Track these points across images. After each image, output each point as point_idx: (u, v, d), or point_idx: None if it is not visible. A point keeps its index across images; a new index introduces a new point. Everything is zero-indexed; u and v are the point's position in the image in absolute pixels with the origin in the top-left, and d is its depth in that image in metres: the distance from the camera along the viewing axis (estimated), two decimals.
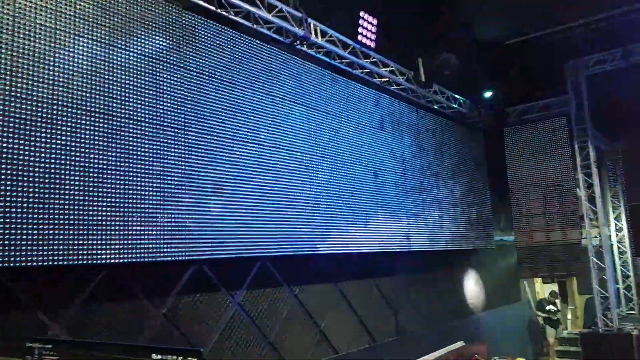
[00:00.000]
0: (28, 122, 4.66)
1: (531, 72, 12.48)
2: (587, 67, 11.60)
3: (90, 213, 5.00)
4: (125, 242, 5.26)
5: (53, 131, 4.83)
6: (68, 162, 4.91)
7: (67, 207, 4.84)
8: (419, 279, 10.23)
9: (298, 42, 7.82)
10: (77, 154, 4.99)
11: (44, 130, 4.76)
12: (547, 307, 13.17)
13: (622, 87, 11.32)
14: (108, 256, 5.10)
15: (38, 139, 4.72)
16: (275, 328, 7.06)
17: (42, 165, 4.72)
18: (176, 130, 5.94)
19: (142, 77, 5.68)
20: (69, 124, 4.97)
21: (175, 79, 6.04)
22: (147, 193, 5.53)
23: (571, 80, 11.75)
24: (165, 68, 5.93)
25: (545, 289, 13.97)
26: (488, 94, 12.24)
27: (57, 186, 4.80)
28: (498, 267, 13.00)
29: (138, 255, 5.36)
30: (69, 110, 4.98)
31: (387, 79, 9.62)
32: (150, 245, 5.49)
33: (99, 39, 5.30)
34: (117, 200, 5.25)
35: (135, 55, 5.64)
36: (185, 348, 3.65)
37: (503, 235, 12.96)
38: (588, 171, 11.51)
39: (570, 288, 13.75)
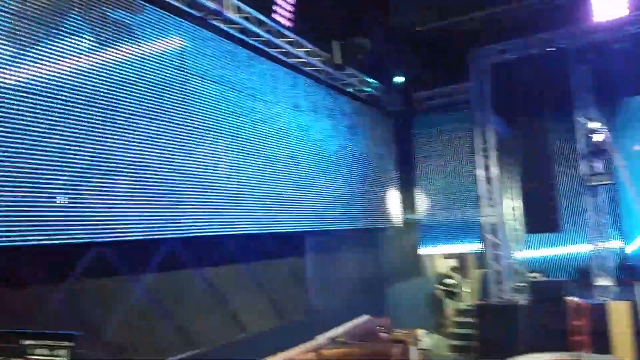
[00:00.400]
0: None
1: (440, 59, 12.94)
2: (489, 55, 12.25)
3: None
4: (20, 223, 4.88)
5: None
6: None
7: None
8: (328, 257, 10.45)
9: (211, 16, 7.53)
10: None
11: None
12: (447, 281, 13.97)
13: (523, 75, 12.02)
14: None
15: None
16: (183, 311, 6.91)
17: None
18: (78, 106, 5.54)
19: (37, 49, 5.21)
20: None
21: (77, 51, 5.60)
22: (45, 172, 5.14)
23: (474, 67, 12.38)
24: (64, 39, 5.47)
25: (446, 264, 14.79)
26: (399, 79, 12.59)
27: None
28: (402, 244, 13.59)
29: (35, 237, 5.00)
30: None
31: (303, 60, 9.58)
32: (49, 227, 5.14)
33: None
34: (11, 179, 4.84)
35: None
36: (57, 332, 3.47)
37: (408, 214, 13.54)
38: (487, 154, 12.25)
39: (468, 263, 14.64)
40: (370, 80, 11.68)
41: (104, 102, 5.86)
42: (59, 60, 5.43)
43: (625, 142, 13.90)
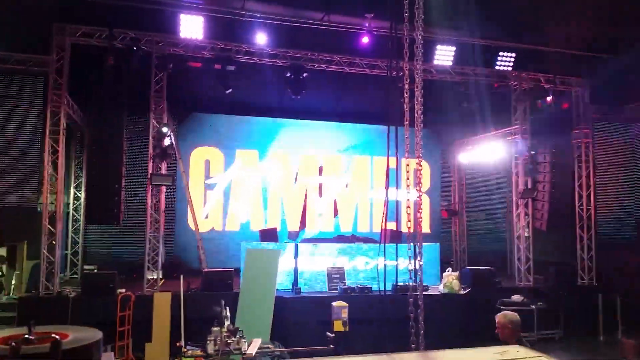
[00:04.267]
0: None
1: (22, 21, 11.46)
2: (73, 34, 11.52)
3: None
4: None
5: None
6: None
7: None
8: None
9: None
10: None
11: None
12: None
13: (105, 65, 11.64)
14: None
15: None
16: None
17: None
18: None
19: None
20: None
21: None
22: None
23: (57, 42, 11.41)
24: None
25: None
26: None
27: None
28: None
29: None
30: None
31: None
32: None
33: None
34: None
35: None
36: None
37: None
38: (56, 137, 11.35)
39: (20, 253, 13.31)
40: None
41: None
42: None
43: (189, 151, 15.60)
